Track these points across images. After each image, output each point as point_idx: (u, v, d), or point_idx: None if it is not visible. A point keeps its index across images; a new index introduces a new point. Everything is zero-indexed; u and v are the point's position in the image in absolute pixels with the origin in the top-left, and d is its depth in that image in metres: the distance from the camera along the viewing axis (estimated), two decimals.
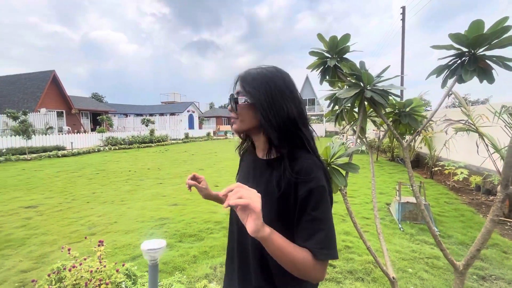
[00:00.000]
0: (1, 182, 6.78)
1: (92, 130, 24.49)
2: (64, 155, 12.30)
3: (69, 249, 1.91)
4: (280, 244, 0.60)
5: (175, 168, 8.75)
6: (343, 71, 1.66)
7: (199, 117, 36.69)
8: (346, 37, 1.64)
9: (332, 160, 1.40)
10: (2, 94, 21.66)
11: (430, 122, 6.78)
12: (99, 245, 1.95)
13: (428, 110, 10.79)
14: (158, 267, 1.42)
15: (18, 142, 13.07)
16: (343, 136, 20.17)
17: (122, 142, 17.66)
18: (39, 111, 18.60)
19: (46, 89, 20.36)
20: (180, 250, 2.96)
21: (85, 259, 1.87)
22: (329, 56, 1.75)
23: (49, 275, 1.89)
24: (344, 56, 1.71)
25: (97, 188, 6.09)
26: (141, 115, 30.66)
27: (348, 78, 1.59)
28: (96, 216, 4.14)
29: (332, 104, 1.89)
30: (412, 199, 3.66)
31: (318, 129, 30.35)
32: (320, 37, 1.73)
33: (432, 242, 3.04)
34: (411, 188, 2.10)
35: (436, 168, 6.64)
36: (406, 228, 3.45)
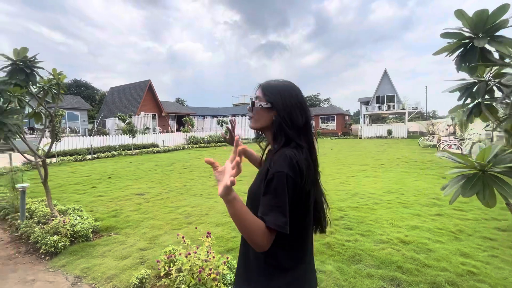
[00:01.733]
0: (118, 172, 8.35)
1: (177, 130, 28.01)
2: (158, 152, 14.41)
3: (183, 237, 2.13)
4: (239, 208, 0.74)
5: (251, 167, 9.08)
6: (491, 52, 1.32)
7: None
8: (503, 8, 1.29)
9: (490, 166, 1.11)
10: (115, 101, 26.99)
11: None
12: (207, 236, 2.11)
13: None
14: None
15: (126, 139, 15.96)
16: (433, 137, 17.34)
17: (201, 141, 19.58)
18: (139, 114, 22.27)
19: (144, 95, 24.35)
20: None
21: (197, 248, 2.05)
22: (474, 35, 1.42)
23: (168, 257, 2.14)
24: (497, 34, 1.36)
25: (186, 181, 6.84)
26: (216, 116, 33.36)
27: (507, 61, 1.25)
28: (190, 207, 4.62)
29: (465, 97, 1.54)
30: None
31: (399, 129, 26.92)
32: (459, 13, 1.42)
33: None
34: None
35: None
36: None
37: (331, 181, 6.52)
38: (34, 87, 3.25)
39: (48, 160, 10.60)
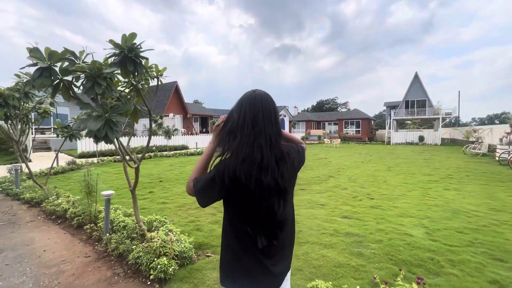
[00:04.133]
0: (166, 176, 7.97)
1: (201, 132, 27.86)
2: (191, 154, 14.07)
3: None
4: (205, 151, 1.12)
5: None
6: None
7: (290, 121, 36.89)
8: None
9: None
10: (140, 103, 27.16)
11: None
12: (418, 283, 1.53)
13: None
14: None
15: (159, 141, 15.77)
16: (480, 145, 16.06)
17: None
18: (168, 116, 22.20)
19: (170, 97, 24.33)
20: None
21: None
22: None
23: None
24: None
25: None
26: None
27: None
28: None
29: None
30: None
31: (431, 136, 25.50)
32: None
33: None
34: None
35: None
36: None
37: (409, 193, 5.80)
38: (136, 80, 2.82)
39: (89, 160, 10.45)
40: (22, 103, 4.19)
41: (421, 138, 25.79)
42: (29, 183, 5.70)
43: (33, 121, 4.79)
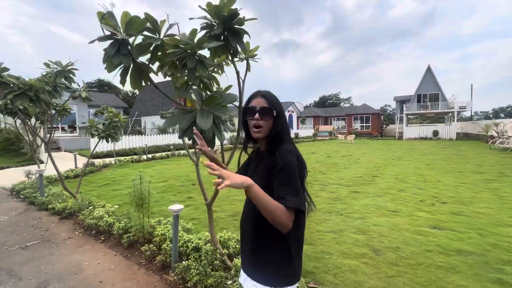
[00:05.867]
0: (195, 177, 7.33)
1: None
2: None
3: None
4: (259, 192, 0.87)
5: (335, 173, 7.86)
6: None
7: (298, 117, 36.19)
8: None
9: None
10: (148, 99, 26.46)
11: None
12: None
13: None
14: None
15: (172, 139, 15.12)
16: (509, 139, 15.36)
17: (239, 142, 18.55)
18: None
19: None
20: None
21: None
22: None
23: None
24: None
25: None
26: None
27: None
28: (357, 231, 3.44)
29: None
30: None
31: (445, 131, 24.82)
32: None
33: None
34: None
35: None
36: None
37: (478, 196, 5.17)
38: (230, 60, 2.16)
39: (107, 160, 9.78)
40: (52, 98, 3.52)
41: (435, 133, 25.14)
42: (55, 190, 5.06)
43: (51, 119, 4.10)
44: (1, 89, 3.06)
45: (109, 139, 4.02)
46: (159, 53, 1.88)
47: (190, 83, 1.93)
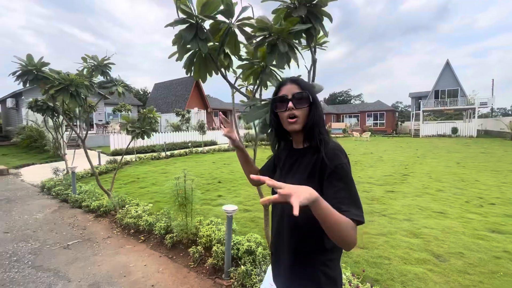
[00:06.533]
0: (220, 176, 7.21)
1: (220, 127, 27.12)
2: (225, 150, 13.32)
3: None
4: (327, 206, 0.70)
5: (360, 172, 7.59)
6: None
7: None
8: None
9: None
10: (160, 97, 26.60)
11: None
12: None
13: None
14: None
15: (195, 136, 15.09)
16: None
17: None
18: (191, 110, 21.52)
19: (192, 91, 23.60)
20: None
21: None
22: None
23: None
24: None
25: None
26: None
27: None
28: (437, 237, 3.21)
29: None
30: None
31: (464, 127, 23.93)
32: None
33: None
34: None
35: None
36: None
37: None
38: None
39: (127, 158, 9.79)
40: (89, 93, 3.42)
41: (454, 130, 24.29)
42: (85, 187, 5.02)
43: (88, 116, 4.02)
44: (42, 84, 2.98)
45: (144, 136, 3.91)
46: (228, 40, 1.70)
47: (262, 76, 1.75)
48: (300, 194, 0.63)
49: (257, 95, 1.99)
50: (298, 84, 0.95)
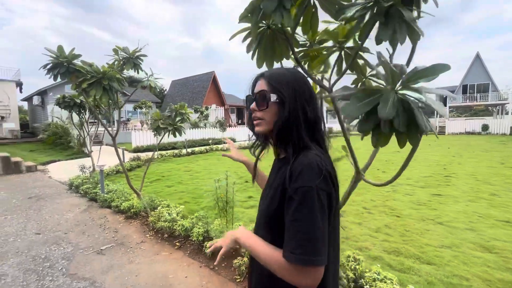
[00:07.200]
0: (246, 175, 6.95)
1: (237, 123, 26.92)
2: (245, 147, 13.07)
3: None
4: (250, 244, 0.70)
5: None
6: None
7: (328, 111, 34.93)
8: None
9: None
10: (177, 94, 26.73)
11: None
12: None
13: None
14: None
15: (215, 133, 14.98)
16: None
17: None
18: (210, 107, 21.44)
19: (209, 88, 23.50)
20: None
21: None
22: None
23: None
24: None
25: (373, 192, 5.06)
26: None
27: None
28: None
29: None
30: None
31: (496, 124, 22.38)
32: None
33: None
34: None
35: None
36: None
37: None
38: None
39: (149, 154, 9.75)
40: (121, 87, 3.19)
41: (485, 127, 22.80)
42: (113, 186, 4.88)
43: (120, 110, 3.81)
44: (74, 78, 2.78)
45: (176, 132, 3.67)
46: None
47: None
48: (223, 243, 0.77)
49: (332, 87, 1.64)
50: (268, 80, 0.78)
